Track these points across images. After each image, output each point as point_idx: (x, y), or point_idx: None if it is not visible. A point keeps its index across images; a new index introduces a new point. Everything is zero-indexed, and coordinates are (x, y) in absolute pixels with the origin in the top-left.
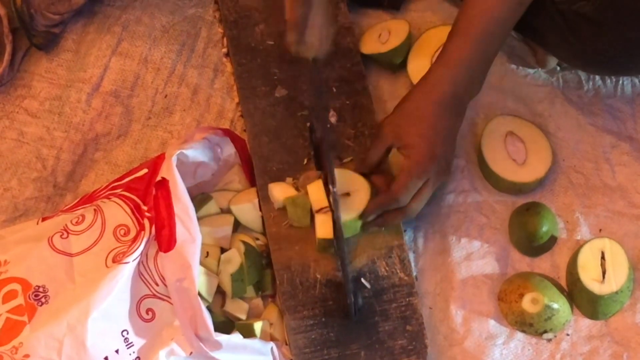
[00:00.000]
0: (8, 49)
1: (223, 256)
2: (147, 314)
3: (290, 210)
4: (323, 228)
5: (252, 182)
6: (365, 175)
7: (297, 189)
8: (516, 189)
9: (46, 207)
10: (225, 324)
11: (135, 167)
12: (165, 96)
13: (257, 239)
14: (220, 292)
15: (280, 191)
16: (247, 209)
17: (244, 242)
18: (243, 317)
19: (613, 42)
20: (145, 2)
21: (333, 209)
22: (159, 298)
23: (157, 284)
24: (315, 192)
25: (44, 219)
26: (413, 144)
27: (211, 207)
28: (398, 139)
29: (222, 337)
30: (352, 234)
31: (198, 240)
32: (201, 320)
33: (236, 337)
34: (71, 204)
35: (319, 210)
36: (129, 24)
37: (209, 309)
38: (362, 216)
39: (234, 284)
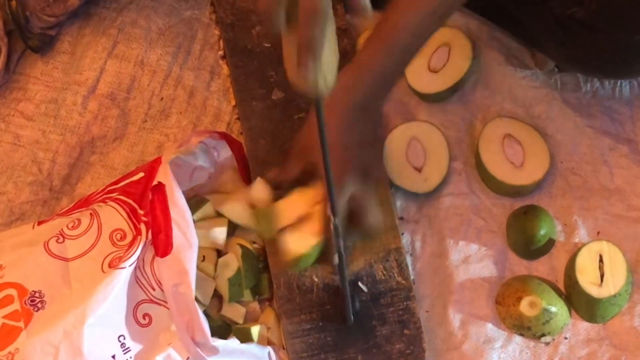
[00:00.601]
0: (3, 51)
1: (221, 260)
2: (144, 319)
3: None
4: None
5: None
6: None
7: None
8: (514, 191)
9: (42, 211)
10: (222, 329)
11: (131, 170)
12: (162, 99)
13: (254, 242)
14: (216, 295)
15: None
16: (237, 208)
17: (241, 246)
18: (240, 321)
19: (607, 47)
20: (141, 4)
21: (334, 239)
22: (156, 303)
23: (153, 289)
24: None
25: (39, 223)
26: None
27: (207, 209)
28: (308, 160)
29: (219, 342)
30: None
31: (195, 246)
32: (198, 325)
33: (233, 342)
34: (67, 208)
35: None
36: (125, 26)
37: (205, 313)
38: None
39: (232, 288)
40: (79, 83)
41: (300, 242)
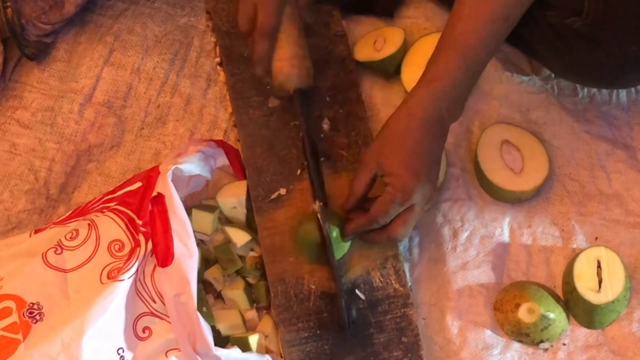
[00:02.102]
0: None
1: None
2: (144, 332)
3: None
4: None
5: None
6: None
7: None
8: (514, 197)
9: (39, 220)
10: (219, 338)
11: (128, 178)
12: (158, 106)
13: (252, 249)
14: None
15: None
16: (231, 204)
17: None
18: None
19: (605, 57)
20: (137, 12)
21: (321, 223)
22: (157, 316)
23: (154, 301)
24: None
25: (36, 232)
26: (395, 173)
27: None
28: (381, 168)
29: (221, 352)
30: (341, 254)
31: (195, 255)
32: (200, 335)
33: (235, 352)
34: (64, 216)
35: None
36: (121, 34)
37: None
38: (341, 236)
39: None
40: (75, 91)
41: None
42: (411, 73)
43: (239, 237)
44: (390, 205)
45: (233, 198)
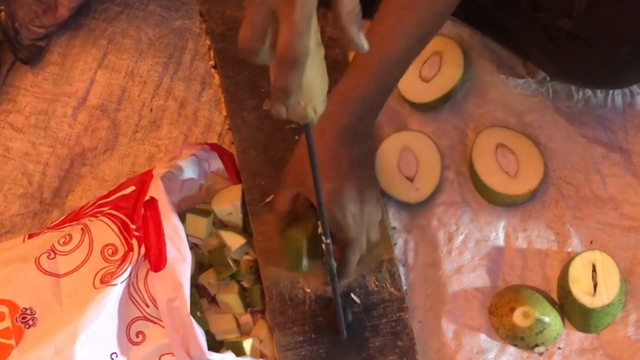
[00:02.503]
0: None
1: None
2: (137, 336)
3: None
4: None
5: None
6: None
7: None
8: (509, 201)
9: (32, 224)
10: (213, 343)
11: (122, 182)
12: (152, 110)
13: (247, 253)
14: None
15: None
16: (227, 210)
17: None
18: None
19: (595, 58)
20: (131, 15)
21: (326, 260)
22: (150, 321)
23: (147, 306)
24: None
25: (30, 236)
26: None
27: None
28: (301, 185)
29: (215, 356)
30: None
31: (188, 260)
32: (194, 339)
33: (229, 357)
34: (58, 221)
35: None
36: (115, 37)
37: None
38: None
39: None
40: (69, 94)
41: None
42: (406, 77)
43: (234, 241)
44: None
45: (228, 204)
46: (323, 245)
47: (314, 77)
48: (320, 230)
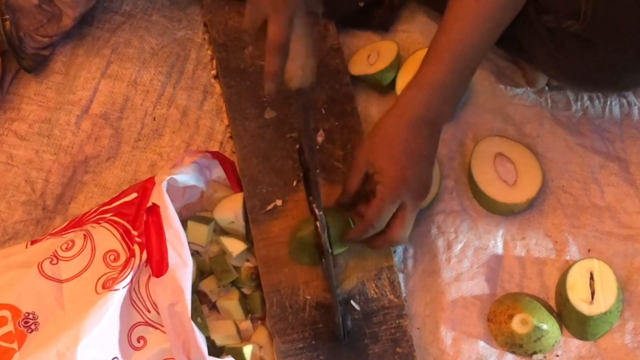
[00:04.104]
0: None
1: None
2: (139, 342)
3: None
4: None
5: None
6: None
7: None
8: (508, 210)
9: (35, 231)
10: (213, 349)
11: (124, 190)
12: (155, 118)
13: (247, 260)
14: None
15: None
16: (229, 219)
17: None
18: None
19: (600, 61)
20: (135, 25)
21: (320, 232)
22: (152, 326)
23: (149, 311)
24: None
25: (33, 242)
26: (384, 169)
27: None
28: (371, 164)
29: None
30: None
31: (190, 265)
32: (194, 344)
33: None
34: (60, 227)
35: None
36: (118, 46)
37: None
38: (340, 241)
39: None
40: (73, 103)
41: None
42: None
43: (235, 247)
44: (382, 204)
45: (230, 213)
46: (317, 218)
47: (299, 46)
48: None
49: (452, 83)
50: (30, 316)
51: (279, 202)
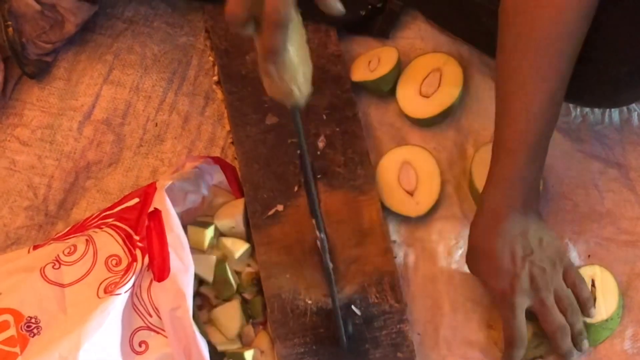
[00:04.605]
0: (0, 77)
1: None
2: (140, 346)
3: None
4: None
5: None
6: None
7: None
8: None
9: (37, 236)
10: (214, 354)
11: (126, 195)
12: (156, 124)
13: (249, 265)
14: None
15: None
16: (230, 224)
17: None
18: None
19: (596, 76)
20: (137, 31)
21: (322, 254)
22: (153, 330)
23: (150, 316)
24: None
25: (35, 247)
26: (493, 287)
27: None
28: (476, 273)
29: None
30: None
31: (191, 270)
32: (196, 349)
33: None
34: (63, 232)
35: None
36: (121, 53)
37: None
38: None
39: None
40: (75, 109)
41: None
42: (406, 93)
43: (236, 246)
44: (514, 330)
45: (231, 218)
46: (318, 242)
47: (295, 55)
48: None
49: (529, 176)
50: (33, 320)
51: (280, 208)
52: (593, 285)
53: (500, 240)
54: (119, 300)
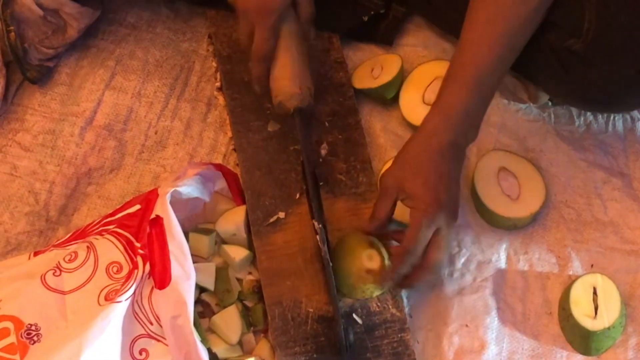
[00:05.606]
0: (1, 82)
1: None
2: (141, 354)
3: None
4: None
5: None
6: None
7: None
8: (511, 224)
9: (38, 242)
10: None
11: (127, 201)
12: (158, 130)
13: (250, 272)
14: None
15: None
16: (231, 231)
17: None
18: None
19: (604, 80)
20: (139, 36)
21: (320, 245)
22: (154, 338)
23: (151, 323)
24: None
25: (35, 254)
26: (417, 194)
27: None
28: (402, 190)
29: None
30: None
31: (192, 277)
32: (197, 357)
33: None
34: (63, 238)
35: None
36: (123, 58)
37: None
38: (381, 285)
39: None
40: (77, 114)
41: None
42: (409, 100)
43: (238, 253)
44: (418, 229)
45: (232, 225)
46: (316, 231)
47: (288, 62)
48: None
49: (472, 108)
50: (33, 328)
51: (281, 215)
52: (595, 293)
53: (439, 158)
54: (120, 308)
